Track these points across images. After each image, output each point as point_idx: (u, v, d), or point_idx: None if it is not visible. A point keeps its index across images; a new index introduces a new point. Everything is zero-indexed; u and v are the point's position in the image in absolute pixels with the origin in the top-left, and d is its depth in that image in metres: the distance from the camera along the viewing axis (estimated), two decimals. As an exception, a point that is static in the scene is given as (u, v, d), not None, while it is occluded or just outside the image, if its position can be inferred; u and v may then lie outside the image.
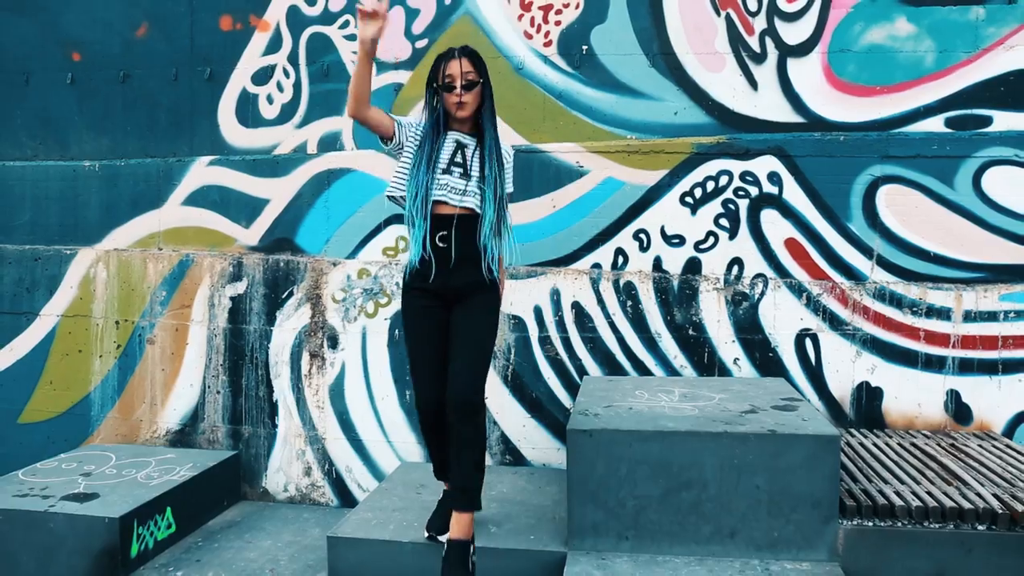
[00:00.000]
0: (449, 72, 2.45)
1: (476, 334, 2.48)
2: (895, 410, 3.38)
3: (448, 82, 2.45)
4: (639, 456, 2.55)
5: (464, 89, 2.45)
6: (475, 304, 2.49)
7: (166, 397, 3.94)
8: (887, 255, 3.36)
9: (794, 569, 2.45)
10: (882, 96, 3.38)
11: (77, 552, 2.94)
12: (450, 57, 2.46)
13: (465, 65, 2.45)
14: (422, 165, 2.45)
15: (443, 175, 2.47)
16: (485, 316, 2.50)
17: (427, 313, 2.51)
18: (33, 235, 4.07)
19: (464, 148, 2.51)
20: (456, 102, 2.45)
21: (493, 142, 2.51)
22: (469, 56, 2.47)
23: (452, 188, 2.46)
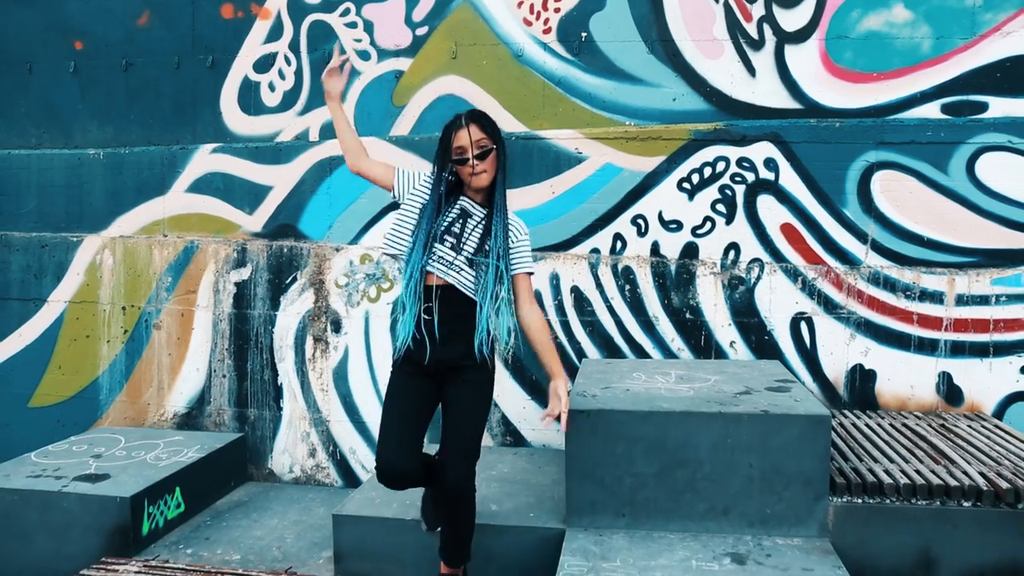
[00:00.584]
0: (458, 144, 2.30)
1: (470, 420, 2.36)
2: (888, 392, 3.45)
3: (460, 155, 2.31)
4: (635, 436, 2.62)
5: (477, 159, 2.30)
6: (467, 384, 2.36)
7: (173, 381, 4.01)
8: (881, 240, 3.42)
9: (785, 544, 2.53)
10: (879, 82, 3.41)
11: (90, 530, 3.03)
12: (458, 127, 2.32)
13: (475, 132, 2.30)
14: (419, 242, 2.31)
15: (434, 242, 2.32)
16: (478, 399, 2.39)
17: (412, 379, 2.37)
18: (40, 223, 4.13)
19: (467, 218, 2.37)
20: (470, 173, 2.31)
21: (502, 213, 2.35)
22: (477, 122, 2.32)
23: (441, 259, 2.31)
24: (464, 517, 2.42)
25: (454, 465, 2.31)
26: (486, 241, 2.33)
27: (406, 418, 2.33)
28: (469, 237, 2.34)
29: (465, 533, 2.46)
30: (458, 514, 2.39)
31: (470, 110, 2.39)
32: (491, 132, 2.34)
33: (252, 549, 3.13)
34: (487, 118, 2.36)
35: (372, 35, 3.74)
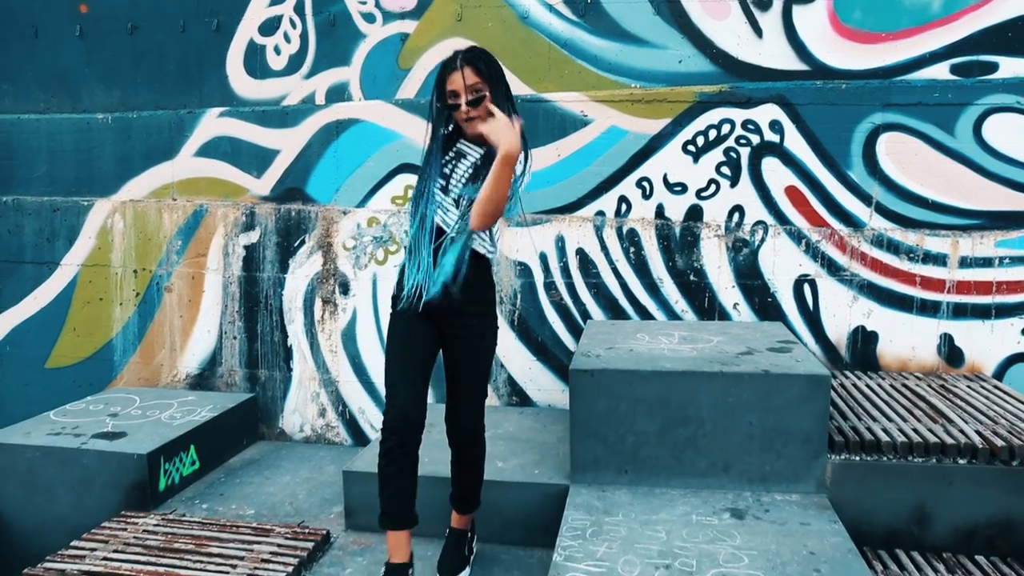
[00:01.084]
0: (451, 88, 2.14)
1: (477, 362, 2.34)
2: (889, 353, 3.49)
3: (452, 100, 2.16)
4: (638, 395, 2.68)
5: (470, 105, 2.14)
6: (470, 327, 2.31)
7: (185, 343, 4.09)
8: (886, 202, 3.43)
9: (784, 500, 2.60)
10: (887, 43, 3.39)
11: (109, 486, 3.13)
12: (451, 68, 2.14)
13: (469, 76, 2.11)
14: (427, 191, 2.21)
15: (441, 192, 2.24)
16: (485, 340, 2.35)
17: (413, 324, 2.27)
18: (51, 187, 4.18)
19: (461, 159, 2.24)
20: (463, 119, 2.17)
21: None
22: (473, 64, 2.13)
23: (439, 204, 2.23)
24: (476, 461, 2.48)
25: (465, 409, 2.36)
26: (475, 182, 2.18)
27: (411, 364, 2.25)
28: (460, 177, 2.21)
29: (477, 478, 2.52)
30: (471, 459, 2.45)
31: (468, 49, 2.18)
32: (488, 75, 2.14)
33: (265, 504, 3.22)
34: (484, 59, 2.16)
35: (377, -3, 3.72)
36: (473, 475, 2.50)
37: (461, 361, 2.35)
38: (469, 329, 2.32)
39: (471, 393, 2.38)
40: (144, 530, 2.81)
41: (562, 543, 2.29)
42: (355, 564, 2.68)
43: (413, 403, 2.21)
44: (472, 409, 2.39)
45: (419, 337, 2.29)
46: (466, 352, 2.34)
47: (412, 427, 2.21)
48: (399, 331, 2.30)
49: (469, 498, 2.54)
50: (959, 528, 2.58)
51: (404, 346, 2.27)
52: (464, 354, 2.34)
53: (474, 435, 2.42)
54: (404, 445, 2.21)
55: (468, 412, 2.39)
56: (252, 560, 2.57)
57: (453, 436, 2.42)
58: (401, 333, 2.29)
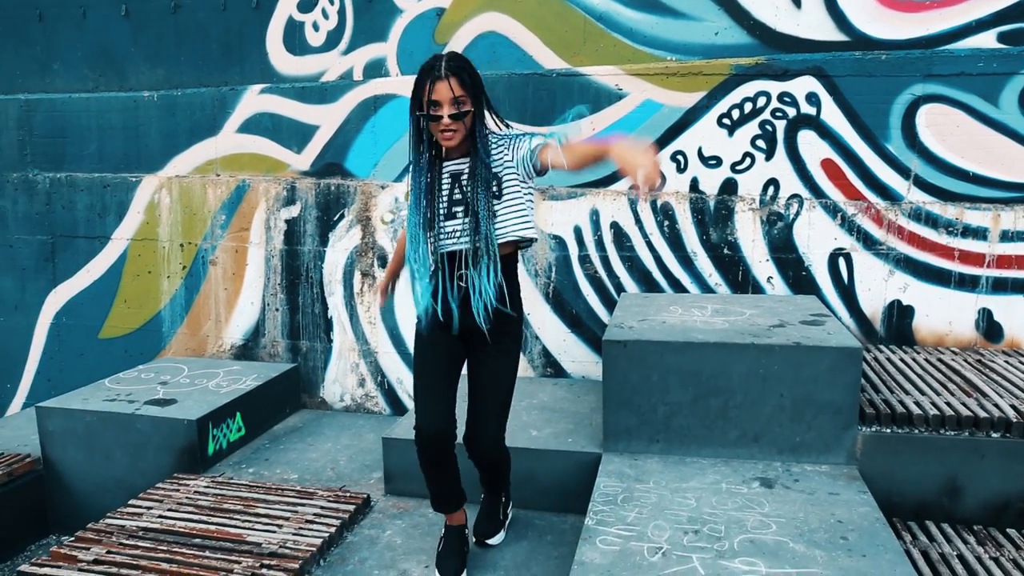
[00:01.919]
0: (434, 98, 2.05)
1: (501, 385, 2.31)
2: (925, 328, 3.47)
3: (433, 111, 2.06)
4: (670, 365, 2.73)
5: (452, 119, 2.06)
6: (499, 348, 2.27)
7: (229, 314, 4.23)
8: (924, 175, 3.38)
9: (814, 471, 2.63)
10: (932, 11, 3.32)
11: (162, 449, 3.29)
12: (435, 76, 2.04)
13: (455, 87, 2.03)
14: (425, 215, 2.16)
15: (447, 221, 2.17)
16: (509, 363, 2.32)
17: (439, 341, 2.27)
18: (101, 164, 4.33)
19: (460, 179, 2.17)
20: (440, 131, 2.08)
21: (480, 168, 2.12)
22: (458, 75, 2.04)
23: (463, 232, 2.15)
24: (501, 472, 2.51)
25: (486, 431, 2.31)
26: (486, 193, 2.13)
27: (439, 390, 2.27)
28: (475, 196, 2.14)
29: (503, 479, 2.55)
30: (496, 471, 2.48)
31: (450, 56, 2.08)
32: (471, 88, 2.07)
33: (308, 469, 3.36)
34: (468, 70, 2.08)
35: (413, -28, 3.75)
36: (499, 478, 2.53)
37: (488, 378, 2.30)
38: (499, 348, 2.28)
39: (494, 411, 2.31)
40: (195, 491, 2.96)
41: (594, 508, 2.37)
42: (395, 527, 2.80)
43: (440, 417, 2.25)
44: (493, 429, 2.32)
45: (444, 353, 2.28)
46: (495, 369, 2.30)
47: (442, 442, 2.27)
48: (424, 348, 2.30)
49: (498, 490, 2.60)
50: (990, 502, 2.59)
51: (429, 360, 2.29)
52: (493, 371, 2.30)
53: (495, 455, 2.39)
54: (438, 456, 2.30)
55: (490, 433, 2.31)
56: (297, 521, 2.70)
57: (474, 456, 2.38)
58: (425, 350, 2.30)
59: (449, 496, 2.43)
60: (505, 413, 2.34)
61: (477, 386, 2.32)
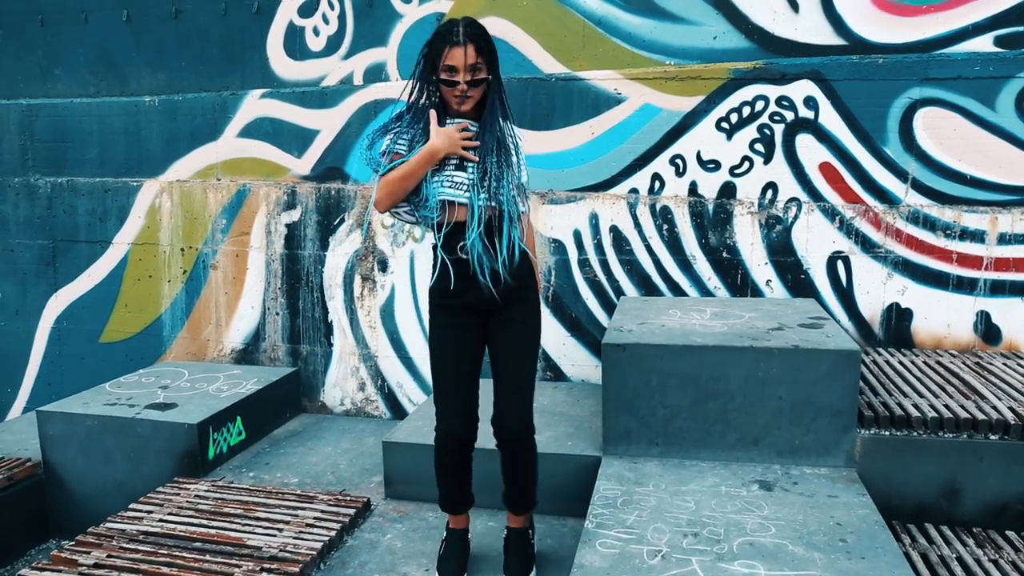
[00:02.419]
0: (451, 63, 2.02)
1: (523, 356, 2.22)
2: (924, 330, 3.48)
3: (449, 76, 2.04)
4: (669, 368, 2.73)
5: (469, 85, 2.05)
6: (514, 316, 2.21)
7: (230, 318, 4.24)
8: (922, 178, 3.40)
9: (813, 473, 2.64)
10: (929, 15, 3.33)
11: (163, 453, 3.30)
12: (453, 41, 2.01)
13: (471, 55, 2.01)
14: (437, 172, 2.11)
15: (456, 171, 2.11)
16: (528, 331, 2.24)
17: (456, 332, 2.21)
18: (102, 168, 4.34)
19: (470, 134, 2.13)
20: (456, 97, 2.07)
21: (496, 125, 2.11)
22: (476, 41, 2.02)
23: (453, 183, 2.11)
24: (529, 462, 2.32)
25: (513, 406, 2.21)
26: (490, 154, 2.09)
27: (460, 388, 2.22)
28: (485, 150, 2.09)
29: (531, 479, 2.36)
30: (523, 459, 2.30)
31: (467, 21, 2.06)
32: (488, 56, 2.06)
33: (308, 473, 3.36)
34: (486, 37, 2.06)
35: (413, -22, 3.77)
36: (526, 475, 2.34)
37: (508, 352, 2.23)
38: (517, 316, 2.22)
39: (519, 386, 2.23)
40: (196, 495, 2.97)
41: (593, 511, 2.37)
42: (395, 530, 2.80)
43: (464, 420, 2.23)
44: (520, 405, 2.23)
45: (465, 344, 2.23)
46: (514, 341, 2.23)
47: (464, 442, 2.26)
48: (441, 343, 2.23)
49: (522, 499, 2.39)
50: (989, 504, 2.60)
51: (448, 360, 2.23)
52: (512, 344, 2.23)
53: (523, 433, 2.26)
54: (457, 458, 2.30)
55: (516, 408, 2.22)
56: (297, 524, 2.71)
57: (501, 437, 2.26)
58: (446, 341, 2.23)
59: (458, 498, 2.40)
60: (530, 388, 2.25)
61: (497, 362, 2.23)
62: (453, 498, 2.40)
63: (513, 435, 2.25)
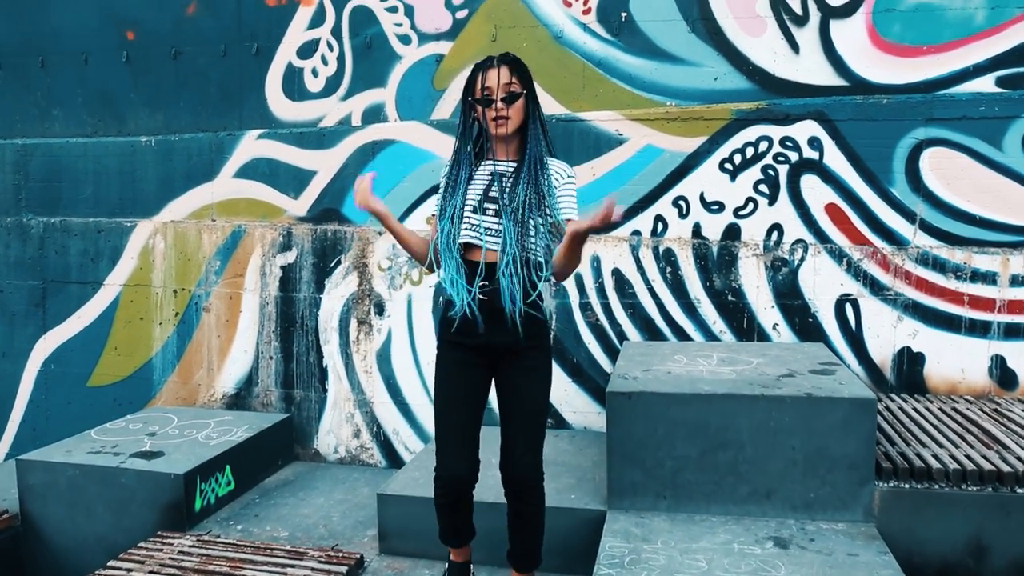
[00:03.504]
0: (487, 84, 2.10)
1: (534, 404, 2.19)
2: (937, 375, 3.37)
3: (486, 95, 2.10)
4: (677, 418, 2.62)
5: (504, 102, 2.09)
6: (526, 366, 2.18)
7: (222, 362, 4.13)
8: (930, 219, 3.33)
9: (830, 529, 2.51)
10: (929, 56, 3.31)
11: (147, 505, 3.15)
12: (487, 67, 2.12)
13: (504, 75, 2.09)
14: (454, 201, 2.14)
15: (474, 214, 2.12)
16: (540, 381, 2.21)
17: (464, 370, 2.19)
18: (96, 208, 4.28)
19: (502, 178, 2.14)
20: (494, 117, 2.10)
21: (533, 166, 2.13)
22: (510, 65, 2.12)
23: (487, 230, 2.11)
24: (536, 514, 2.25)
25: (522, 453, 2.16)
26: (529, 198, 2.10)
27: (463, 429, 2.18)
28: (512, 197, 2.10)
29: (538, 533, 2.29)
30: (531, 511, 2.24)
31: (502, 53, 2.18)
32: (522, 77, 2.13)
33: (299, 526, 3.22)
34: (520, 63, 2.15)
35: (412, 19, 3.76)
36: (533, 530, 2.27)
37: (517, 399, 2.19)
38: (527, 363, 2.18)
39: (528, 434, 2.18)
40: (179, 551, 2.82)
41: (599, 571, 2.24)
42: (389, 588, 2.66)
43: (465, 463, 2.19)
44: (529, 453, 2.17)
45: (475, 384, 2.20)
46: (523, 389, 2.18)
47: (464, 485, 2.22)
48: (448, 380, 2.21)
49: (528, 555, 2.32)
50: (1019, 560, 2.46)
51: (454, 398, 2.19)
52: (521, 391, 2.19)
53: (533, 483, 2.20)
54: (457, 500, 2.25)
55: (525, 457, 2.17)
56: (286, 582, 2.56)
57: (509, 485, 2.21)
58: (450, 382, 2.21)
59: (460, 531, 2.36)
60: (540, 435, 2.20)
61: (507, 406, 2.20)
62: (454, 532, 2.35)
63: (526, 482, 2.20)
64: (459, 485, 2.20)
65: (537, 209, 2.10)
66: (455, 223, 2.13)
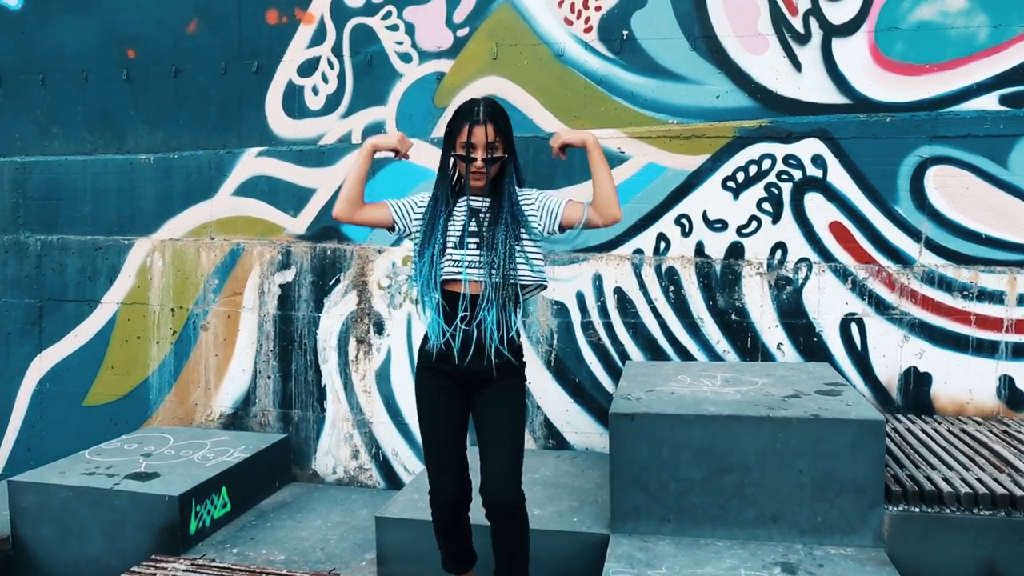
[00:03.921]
0: (471, 141, 2.13)
1: (511, 428, 2.22)
2: (944, 396, 3.32)
3: (465, 152, 2.14)
4: (681, 440, 2.57)
5: (486, 163, 2.15)
6: (503, 389, 2.23)
7: (219, 382, 4.08)
8: (936, 238, 3.30)
9: (838, 554, 2.45)
10: (932, 74, 3.30)
11: (141, 528, 3.09)
12: (473, 120, 2.12)
13: (490, 133, 2.12)
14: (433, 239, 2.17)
15: (456, 250, 2.17)
16: (515, 404, 2.26)
17: (449, 394, 2.24)
18: (94, 226, 4.25)
19: (478, 214, 2.21)
20: (472, 173, 2.16)
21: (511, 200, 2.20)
22: (495, 121, 2.14)
23: (472, 263, 2.16)
24: (521, 537, 2.26)
25: (501, 478, 2.17)
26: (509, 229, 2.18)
27: (450, 450, 2.25)
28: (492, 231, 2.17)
29: (524, 556, 2.29)
30: (515, 534, 2.24)
31: (487, 102, 2.19)
32: (506, 137, 2.17)
33: (296, 550, 3.16)
34: (504, 118, 2.19)
35: (413, 37, 3.75)
36: (519, 553, 2.27)
37: (496, 423, 2.22)
38: (504, 385, 2.23)
39: (506, 459, 2.20)
40: None
41: (603, 598, 2.18)
42: (387, 614, 2.59)
43: (456, 484, 2.27)
44: (508, 477, 2.19)
45: (456, 407, 2.26)
46: (501, 412, 2.22)
47: (459, 505, 2.29)
48: (430, 405, 2.28)
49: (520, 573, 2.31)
50: (1032, 587, 2.41)
51: (438, 422, 2.27)
52: (500, 415, 2.22)
53: (514, 506, 2.21)
54: (455, 520, 2.31)
55: (504, 480, 2.19)
56: (281, 609, 2.50)
57: (491, 510, 2.22)
58: (433, 407, 2.27)
59: (461, 557, 2.39)
60: (519, 456, 2.23)
61: (486, 430, 2.24)
62: (456, 558, 2.39)
63: (504, 508, 2.21)
64: (453, 505, 2.27)
65: (516, 238, 2.19)
66: (436, 260, 2.17)
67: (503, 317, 2.17)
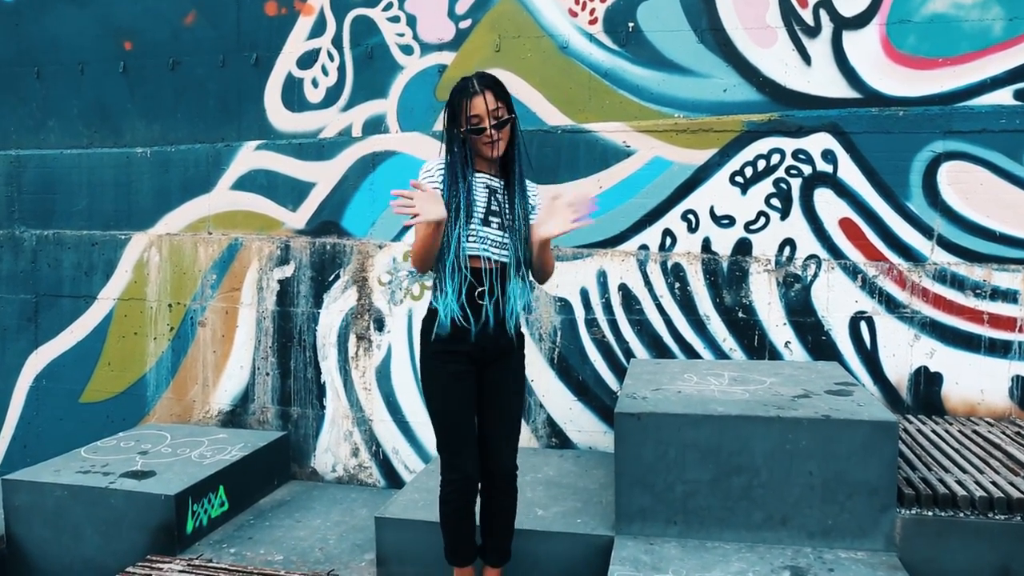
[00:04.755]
0: (474, 112, 2.15)
1: (514, 403, 2.37)
2: (956, 396, 3.26)
3: (476, 124, 2.16)
4: (688, 440, 2.51)
5: (495, 128, 2.17)
6: (509, 367, 2.33)
7: (217, 378, 4.02)
8: (948, 235, 3.23)
9: (849, 558, 2.39)
10: (945, 68, 3.23)
11: (136, 527, 3.04)
12: (471, 93, 2.15)
13: (491, 100, 2.15)
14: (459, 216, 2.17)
15: (482, 227, 2.21)
16: (519, 382, 2.38)
17: (462, 379, 2.27)
18: (90, 221, 4.19)
19: (495, 194, 2.25)
20: (487, 143, 2.18)
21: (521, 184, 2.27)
22: (492, 88, 2.17)
23: (493, 242, 2.22)
24: (513, 506, 2.42)
25: (505, 455, 2.33)
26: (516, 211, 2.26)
27: (470, 435, 2.31)
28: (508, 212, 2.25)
29: (511, 525, 2.45)
30: (510, 504, 2.40)
31: (480, 74, 2.20)
32: (506, 100, 2.20)
33: (295, 550, 3.10)
34: (501, 84, 2.21)
35: (415, 29, 3.68)
36: (510, 522, 2.44)
37: (504, 401, 2.34)
38: (512, 366, 2.35)
39: (512, 432, 2.37)
40: (169, 576, 2.70)
41: (608, 603, 2.12)
42: (386, 617, 2.54)
43: (474, 465, 2.30)
44: (512, 449, 2.36)
45: (466, 392, 2.29)
46: (509, 390, 2.34)
47: (475, 486, 2.33)
48: (448, 392, 2.28)
49: (503, 550, 2.45)
50: (1048, 593, 2.35)
51: (456, 409, 2.29)
52: (507, 393, 2.34)
53: (514, 477, 2.39)
54: (468, 502, 2.33)
55: (509, 452, 2.35)
56: (279, 611, 2.45)
57: (492, 481, 2.36)
58: (450, 394, 2.28)
59: (466, 549, 2.41)
60: (518, 434, 2.39)
61: (493, 404, 2.32)
62: (461, 549, 2.39)
63: (506, 479, 2.35)
64: (472, 487, 2.31)
65: (525, 222, 2.28)
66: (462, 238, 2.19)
67: (524, 290, 2.30)
